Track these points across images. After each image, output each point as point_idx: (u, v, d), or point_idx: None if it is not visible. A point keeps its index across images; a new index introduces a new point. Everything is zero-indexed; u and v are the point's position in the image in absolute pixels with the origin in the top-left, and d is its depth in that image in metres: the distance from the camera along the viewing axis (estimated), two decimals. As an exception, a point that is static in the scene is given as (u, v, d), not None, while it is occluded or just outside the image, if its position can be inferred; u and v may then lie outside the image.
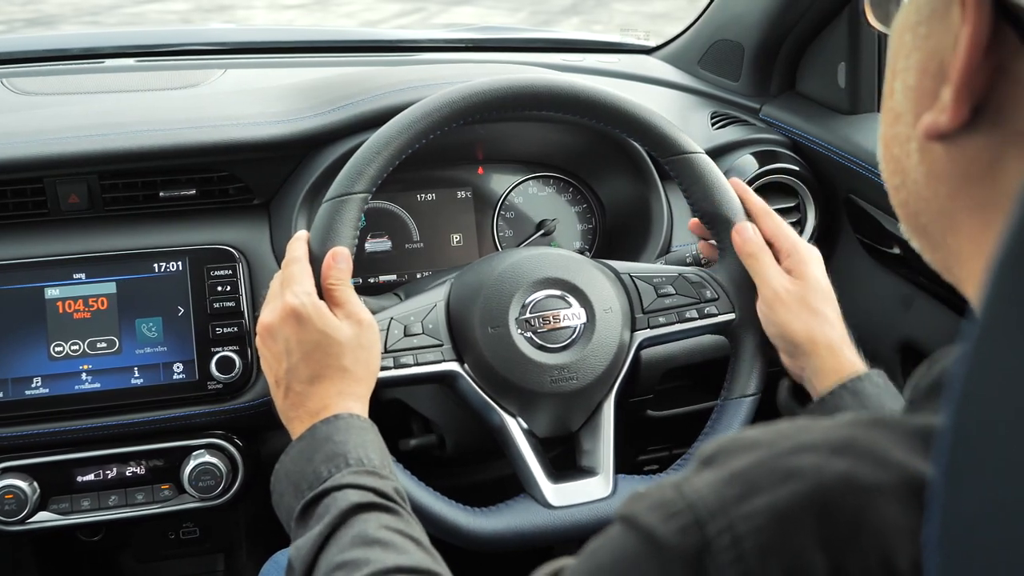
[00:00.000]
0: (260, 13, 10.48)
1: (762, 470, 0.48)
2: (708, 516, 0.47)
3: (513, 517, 1.12)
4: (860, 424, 0.49)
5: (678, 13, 10.13)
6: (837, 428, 0.49)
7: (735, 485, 0.48)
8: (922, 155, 0.54)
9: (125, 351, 1.29)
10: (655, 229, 1.47)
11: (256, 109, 1.40)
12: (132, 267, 1.31)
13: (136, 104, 1.47)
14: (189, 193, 1.35)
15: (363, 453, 0.93)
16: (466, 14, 10.18)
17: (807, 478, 0.46)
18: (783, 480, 0.46)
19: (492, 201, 1.55)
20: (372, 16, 10.24)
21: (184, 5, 10.49)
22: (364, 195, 1.10)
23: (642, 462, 1.72)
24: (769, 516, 0.46)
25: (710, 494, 0.48)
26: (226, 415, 1.31)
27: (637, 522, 0.50)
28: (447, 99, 1.13)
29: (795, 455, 0.48)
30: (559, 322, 1.15)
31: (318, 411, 0.98)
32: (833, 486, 0.45)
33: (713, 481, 0.49)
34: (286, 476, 0.95)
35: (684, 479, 0.51)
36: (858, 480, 0.45)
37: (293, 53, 1.85)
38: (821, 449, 0.47)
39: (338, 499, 0.88)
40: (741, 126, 1.60)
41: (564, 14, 10.41)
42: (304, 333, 0.99)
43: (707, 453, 0.53)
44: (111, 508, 1.31)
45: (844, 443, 0.47)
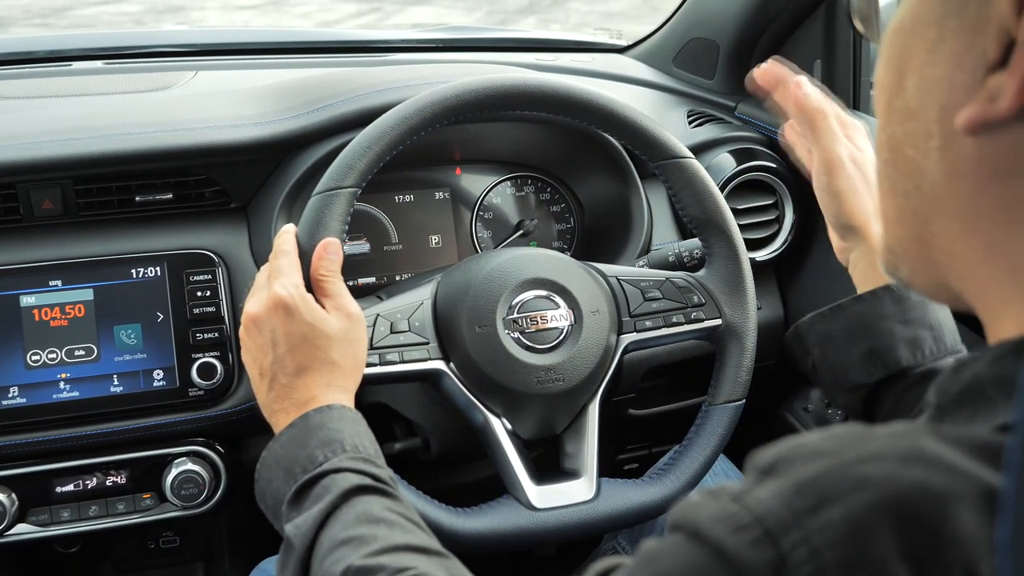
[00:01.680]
0: (214, 14, 10.37)
1: (831, 479, 0.46)
2: (780, 529, 0.46)
3: (496, 518, 1.11)
4: (920, 434, 0.48)
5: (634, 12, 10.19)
6: (900, 437, 0.48)
7: (804, 496, 0.46)
8: (944, 152, 0.53)
9: (104, 359, 1.27)
10: (635, 229, 1.47)
11: (232, 111, 1.39)
12: (109, 273, 1.28)
13: (108, 107, 1.45)
14: (165, 197, 1.33)
15: (358, 441, 0.93)
16: (423, 14, 10.15)
17: (881, 487, 0.45)
18: (855, 489, 0.45)
19: (470, 202, 1.54)
20: (328, 17, 10.18)
21: (136, 7, 10.36)
22: (354, 190, 1.09)
23: (622, 461, 1.72)
24: (846, 528, 0.44)
25: (778, 506, 0.47)
26: (208, 422, 1.30)
27: (702, 534, 0.49)
28: (439, 96, 1.12)
29: (864, 464, 0.47)
30: (546, 323, 1.14)
31: (306, 402, 0.96)
32: (909, 495, 0.44)
33: (779, 492, 0.48)
34: (276, 462, 0.93)
35: (743, 490, 0.49)
36: (934, 489, 0.44)
37: (264, 55, 1.83)
38: (890, 458, 0.46)
39: (337, 480, 0.87)
40: (718, 124, 1.60)
41: (520, 13, 10.41)
42: (292, 325, 0.98)
43: (765, 462, 0.51)
44: (92, 519, 1.29)
45: (912, 452, 0.46)
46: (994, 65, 0.49)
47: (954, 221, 0.54)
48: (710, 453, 1.19)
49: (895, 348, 0.97)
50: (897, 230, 0.59)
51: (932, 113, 0.53)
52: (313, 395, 0.97)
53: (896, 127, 0.57)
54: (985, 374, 0.51)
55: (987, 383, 0.51)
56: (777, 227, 1.55)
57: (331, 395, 0.97)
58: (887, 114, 0.58)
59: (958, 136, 0.51)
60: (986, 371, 0.51)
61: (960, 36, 0.51)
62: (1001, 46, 0.49)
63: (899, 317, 0.97)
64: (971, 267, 0.55)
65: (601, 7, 10.54)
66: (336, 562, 0.80)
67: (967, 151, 0.52)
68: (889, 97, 0.57)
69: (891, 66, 0.57)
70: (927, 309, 0.98)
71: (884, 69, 0.58)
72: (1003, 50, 0.49)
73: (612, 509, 1.14)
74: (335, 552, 0.81)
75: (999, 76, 0.49)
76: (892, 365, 0.96)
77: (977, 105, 0.50)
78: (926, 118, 0.54)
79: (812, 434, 0.52)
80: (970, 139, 0.51)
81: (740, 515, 0.48)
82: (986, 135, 0.50)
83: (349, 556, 0.80)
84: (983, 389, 0.51)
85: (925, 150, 0.54)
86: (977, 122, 0.50)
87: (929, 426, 0.50)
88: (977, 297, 0.55)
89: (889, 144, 0.58)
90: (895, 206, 0.58)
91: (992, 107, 0.49)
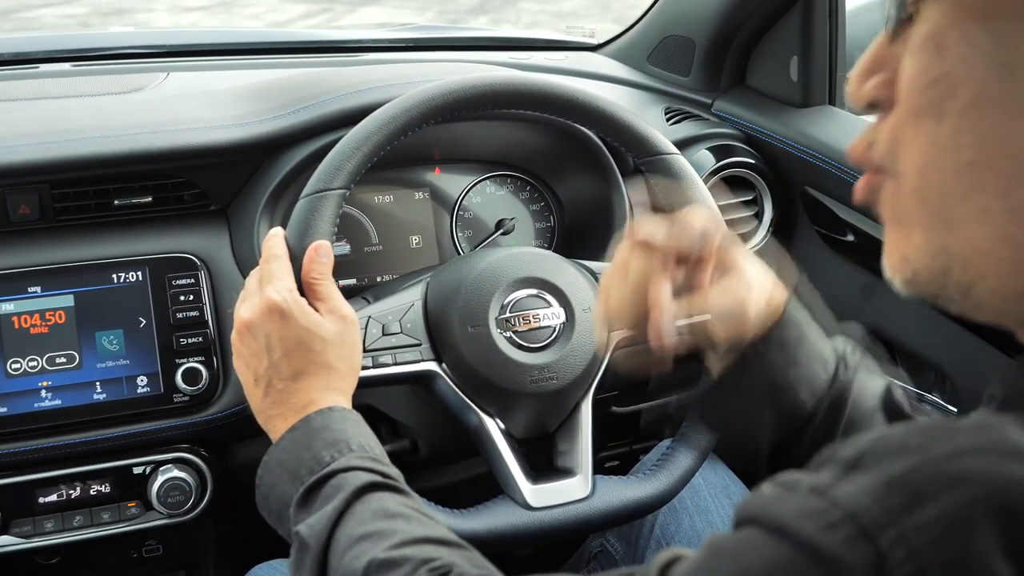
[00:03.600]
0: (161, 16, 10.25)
1: (924, 476, 0.45)
2: (875, 527, 0.45)
3: (493, 519, 1.10)
4: (1009, 425, 0.47)
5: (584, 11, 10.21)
6: (988, 430, 0.47)
7: (897, 492, 0.45)
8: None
9: (86, 366, 1.25)
10: (617, 227, 1.46)
11: (211, 112, 1.37)
12: (90, 278, 1.26)
13: (82, 110, 1.42)
14: (144, 200, 1.31)
15: (364, 440, 0.92)
16: (374, 14, 10.09)
17: (978, 484, 0.44)
18: (951, 486, 0.44)
19: (450, 202, 1.54)
20: (277, 17, 10.09)
21: (81, 9, 10.20)
22: (343, 191, 1.08)
23: (603, 458, 1.72)
24: (945, 526, 0.43)
25: (870, 502, 0.46)
26: (194, 428, 1.28)
27: (788, 530, 0.47)
28: (427, 96, 1.11)
29: (956, 459, 0.46)
30: (539, 322, 1.14)
31: (304, 406, 0.95)
32: (1006, 490, 0.44)
33: (869, 488, 0.46)
34: (279, 465, 0.92)
35: (829, 484, 0.48)
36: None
37: (236, 55, 1.81)
38: (982, 452, 0.45)
39: (348, 479, 0.86)
40: (695, 121, 1.61)
41: (471, 13, 10.39)
42: (287, 329, 0.97)
43: (850, 456, 0.50)
44: (76, 529, 1.26)
45: (1004, 445, 0.46)
46: None
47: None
48: (703, 448, 1.19)
49: (796, 394, 0.92)
50: (973, 231, 0.54)
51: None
52: (311, 399, 0.96)
53: (1002, 125, 0.52)
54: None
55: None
56: (757, 223, 1.57)
57: (329, 398, 0.96)
58: (978, 111, 0.53)
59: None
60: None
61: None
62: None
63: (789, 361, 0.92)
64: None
65: (552, 6, 10.54)
66: (357, 557, 0.79)
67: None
68: (983, 93, 0.53)
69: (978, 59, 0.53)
70: (802, 342, 0.93)
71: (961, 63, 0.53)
72: None
73: (608, 506, 1.14)
74: (355, 547, 0.80)
75: None
76: (800, 415, 0.92)
77: None
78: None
79: (896, 428, 0.50)
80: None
81: (829, 511, 0.46)
82: None
83: (371, 550, 0.79)
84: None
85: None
86: None
87: (1014, 417, 0.49)
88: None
89: (981, 144, 0.53)
90: (980, 206, 0.53)
91: None
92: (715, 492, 1.33)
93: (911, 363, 1.45)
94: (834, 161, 1.43)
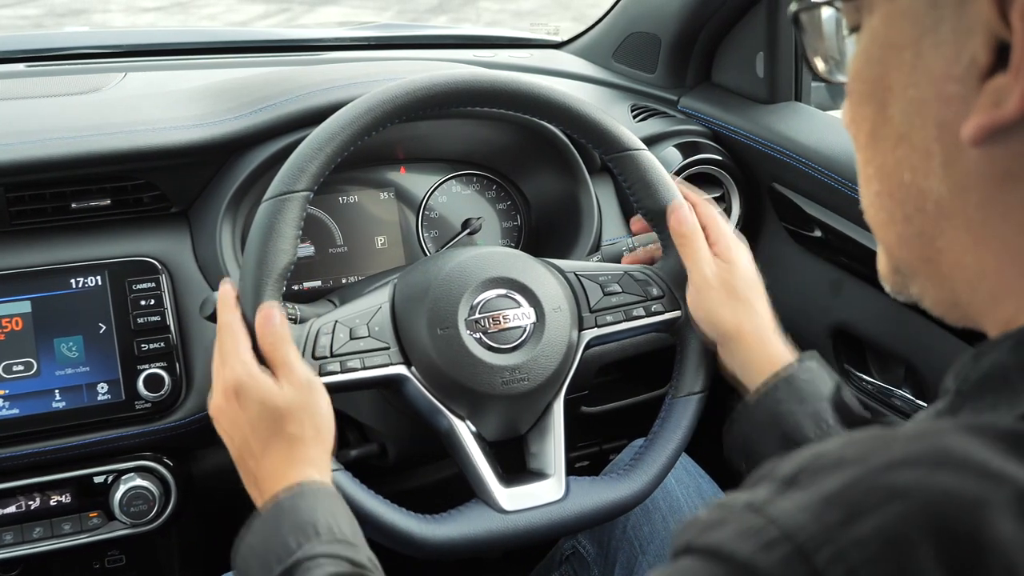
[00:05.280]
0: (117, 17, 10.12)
1: (860, 490, 0.45)
2: (812, 545, 0.44)
3: (467, 524, 1.09)
4: (945, 432, 0.47)
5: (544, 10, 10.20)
6: (924, 437, 0.47)
7: (834, 508, 0.44)
8: (949, 168, 0.52)
9: (44, 373, 1.22)
10: (585, 225, 1.45)
11: (170, 113, 1.34)
12: (47, 284, 1.23)
13: (37, 111, 1.38)
14: (103, 203, 1.28)
15: (333, 522, 0.89)
16: (332, 14, 10.02)
17: (912, 497, 0.43)
18: (887, 500, 0.44)
19: (415, 202, 1.52)
20: (235, 18, 10.00)
21: (35, 11, 10.05)
22: (307, 193, 1.06)
23: (573, 459, 1.71)
24: (882, 542, 0.43)
25: (807, 519, 0.45)
26: (156, 435, 1.25)
27: (724, 554, 0.46)
28: (391, 94, 1.09)
29: (892, 471, 0.45)
30: (509, 322, 1.12)
31: (274, 483, 0.93)
32: (942, 504, 0.43)
33: (806, 504, 0.45)
34: (251, 552, 0.90)
35: (765, 501, 0.47)
36: (966, 496, 0.43)
37: (195, 55, 1.78)
38: (918, 463, 0.45)
39: (312, 570, 0.84)
40: (662, 118, 1.60)
41: (431, 12, 10.35)
42: (246, 406, 0.96)
43: (788, 472, 0.49)
44: (36, 541, 1.23)
45: (940, 454, 0.45)
46: (987, 71, 0.49)
47: (964, 234, 0.54)
48: (676, 446, 1.18)
49: (801, 427, 1.02)
50: (902, 254, 0.59)
51: (929, 132, 0.52)
52: (280, 475, 0.94)
53: (886, 156, 0.56)
54: (1008, 361, 0.51)
55: (1010, 369, 0.50)
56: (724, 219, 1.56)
57: (296, 471, 0.94)
58: (872, 146, 0.57)
59: (962, 149, 0.51)
60: (1008, 358, 0.51)
61: (941, 51, 0.51)
62: (991, 50, 0.48)
63: (795, 398, 1.03)
64: (985, 277, 0.54)
65: (512, 6, 10.53)
66: None
67: (973, 163, 0.51)
68: (872, 129, 0.57)
69: (868, 100, 0.56)
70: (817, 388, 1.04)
71: (858, 105, 0.57)
72: (994, 54, 0.48)
73: (582, 508, 1.13)
74: None
75: (1000, 79, 0.48)
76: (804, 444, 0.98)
77: (982, 113, 0.49)
78: (922, 139, 0.53)
79: (833, 441, 0.50)
80: (975, 150, 0.50)
81: (766, 529, 0.45)
82: (992, 143, 0.49)
83: None
84: (1006, 376, 0.50)
85: (926, 171, 0.53)
86: (985, 130, 0.49)
87: (952, 421, 0.49)
88: (990, 306, 0.55)
89: (879, 175, 0.57)
90: (896, 233, 0.58)
91: (999, 112, 0.48)
92: (688, 492, 1.32)
93: (881, 358, 1.45)
94: (801, 157, 1.43)
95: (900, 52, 0.53)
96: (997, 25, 0.48)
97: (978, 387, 0.52)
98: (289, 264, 1.05)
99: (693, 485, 1.33)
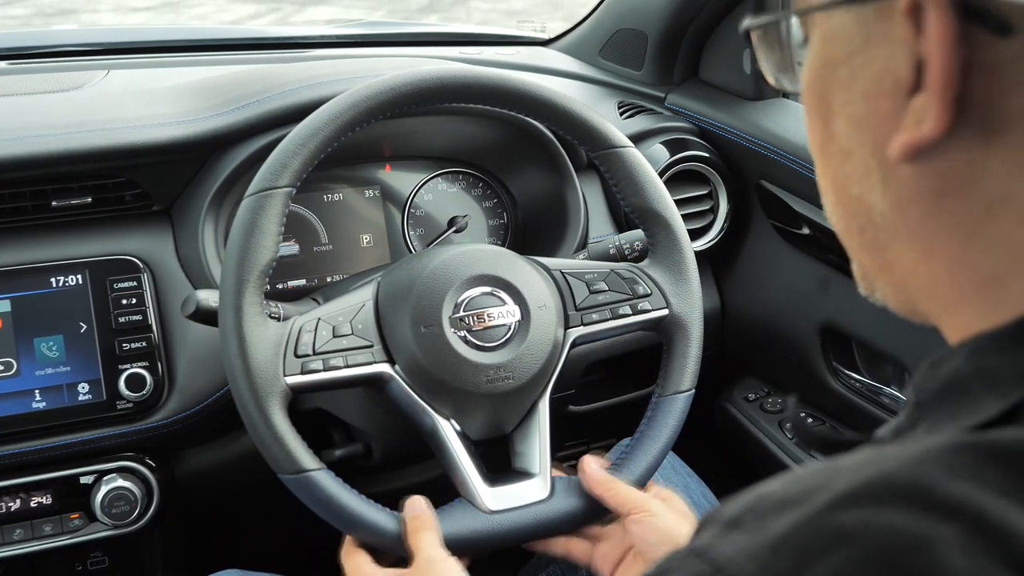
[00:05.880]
0: (106, 17, 10.09)
1: (806, 534, 0.43)
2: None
3: (451, 523, 1.08)
4: (887, 457, 0.45)
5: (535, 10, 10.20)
6: (867, 467, 0.45)
7: (782, 556, 0.42)
8: (887, 184, 0.52)
9: (24, 373, 1.20)
10: (572, 223, 1.44)
11: (152, 110, 1.32)
12: (27, 283, 1.21)
13: (17, 108, 1.37)
14: (84, 201, 1.26)
15: None
16: (323, 13, 10.01)
17: (860, 540, 0.41)
18: (835, 545, 0.42)
19: (401, 199, 1.50)
20: (225, 17, 9.97)
21: (23, 11, 10.02)
22: (289, 190, 1.05)
23: (560, 459, 1.70)
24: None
25: (756, 568, 0.43)
26: (138, 436, 1.24)
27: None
28: (375, 90, 1.08)
29: (837, 511, 0.43)
30: (493, 320, 1.11)
31: None
32: (891, 546, 0.41)
33: (752, 551, 0.44)
34: None
35: (708, 545, 0.45)
36: (914, 535, 0.41)
37: (178, 52, 1.77)
38: (862, 499, 0.43)
39: None
40: (649, 115, 1.59)
41: (422, 12, 10.34)
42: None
43: (732, 514, 0.47)
44: (16, 543, 1.22)
45: (884, 487, 0.43)
46: (911, 88, 0.48)
47: (911, 247, 0.53)
48: (662, 445, 1.17)
49: None
50: (863, 261, 0.58)
51: (867, 149, 0.52)
52: None
53: (836, 170, 0.56)
54: (965, 368, 0.50)
55: (969, 377, 0.49)
56: (712, 217, 1.55)
57: None
58: (823, 159, 0.57)
59: (896, 166, 0.50)
60: (965, 365, 0.50)
61: (870, 69, 0.50)
62: (912, 68, 0.48)
63: None
64: (937, 287, 0.53)
65: (502, 5, 10.52)
66: None
67: (908, 179, 0.51)
68: (822, 143, 0.56)
69: (815, 115, 0.56)
70: None
71: (810, 118, 0.57)
72: (915, 72, 0.48)
73: (568, 507, 1.12)
74: None
75: (920, 98, 0.48)
76: None
77: (906, 132, 0.48)
78: (862, 155, 0.53)
79: (777, 480, 0.48)
80: (908, 167, 0.50)
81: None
82: (923, 159, 0.49)
83: None
84: (965, 383, 0.49)
85: (868, 186, 0.53)
86: (910, 148, 0.48)
87: (896, 449, 0.47)
88: (946, 314, 0.54)
89: (833, 187, 0.57)
90: (856, 242, 0.58)
91: (920, 131, 0.48)
92: (675, 491, 1.31)
93: (869, 356, 1.44)
94: (788, 154, 1.42)
95: (835, 69, 0.53)
96: (915, 44, 0.47)
97: (937, 397, 0.51)
98: (271, 261, 1.04)
99: (681, 484, 1.33)
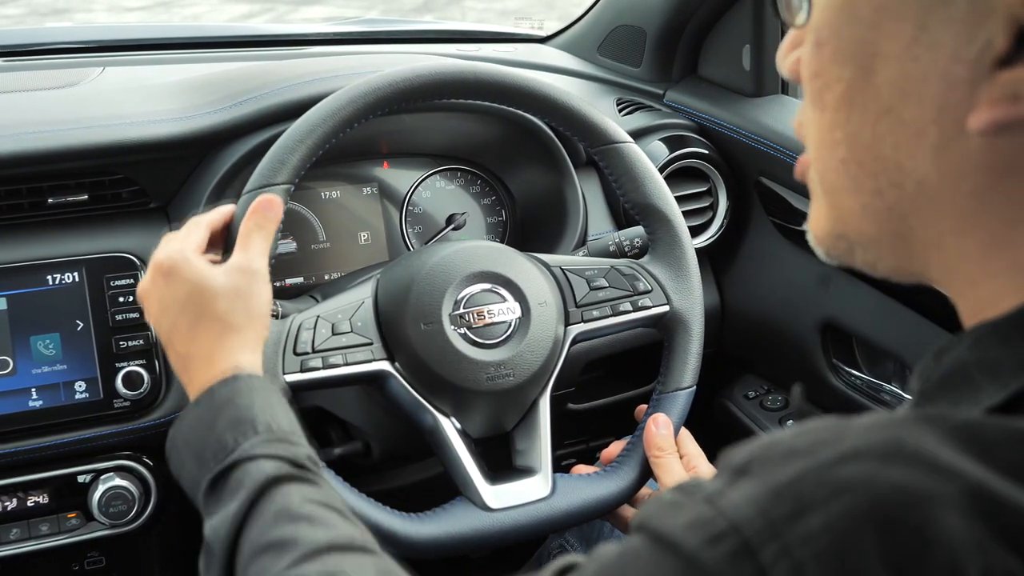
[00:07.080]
0: (100, 16, 10.07)
1: (809, 483, 0.44)
2: (758, 540, 0.43)
3: (452, 522, 1.07)
4: (899, 423, 0.46)
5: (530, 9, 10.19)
6: (878, 429, 0.46)
7: (782, 502, 0.44)
8: (943, 152, 0.49)
9: (20, 372, 1.19)
10: (571, 220, 1.44)
11: (149, 107, 1.32)
12: (23, 280, 1.21)
13: (13, 105, 1.36)
14: (80, 199, 1.25)
15: (271, 418, 0.85)
16: (317, 13, 10.00)
17: (860, 491, 0.43)
18: (835, 495, 0.43)
19: (399, 197, 1.50)
20: (219, 17, 9.95)
21: (17, 10, 10.00)
22: (287, 187, 1.04)
23: (559, 456, 1.69)
24: (828, 538, 0.42)
25: (755, 513, 0.44)
26: (135, 434, 1.23)
27: (674, 542, 0.46)
28: (373, 86, 1.07)
29: (841, 464, 0.44)
30: (494, 317, 1.11)
31: (204, 366, 0.90)
32: (889, 499, 0.42)
33: (754, 496, 0.45)
34: (185, 445, 0.86)
35: (717, 491, 0.47)
36: (915, 491, 0.42)
37: (174, 50, 1.76)
38: (868, 456, 0.44)
39: (251, 471, 0.80)
40: (647, 112, 1.58)
41: (416, 11, 10.33)
42: (174, 286, 0.93)
43: (738, 462, 0.48)
44: (13, 543, 1.21)
45: (891, 447, 0.44)
46: (1004, 58, 0.46)
47: (948, 219, 0.51)
48: None
49: None
50: (860, 225, 0.56)
51: (925, 112, 0.49)
52: (209, 357, 0.90)
53: (863, 126, 0.53)
54: (967, 357, 0.50)
55: (971, 366, 0.49)
56: (711, 214, 1.55)
57: (228, 355, 0.90)
58: (845, 111, 0.53)
59: (962, 135, 0.48)
60: (968, 354, 0.50)
61: (951, 28, 0.47)
62: (1010, 36, 0.45)
63: None
64: (963, 263, 0.52)
65: (497, 5, 10.52)
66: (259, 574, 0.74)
67: (972, 151, 0.49)
68: (847, 94, 0.53)
69: (845, 61, 0.53)
70: None
71: (831, 63, 0.54)
72: (1013, 40, 0.45)
73: (569, 505, 1.11)
74: (257, 561, 0.75)
75: (1019, 71, 0.45)
76: None
77: (999, 107, 0.46)
78: (915, 116, 0.50)
79: (787, 431, 0.49)
80: (979, 139, 0.48)
81: (715, 521, 0.45)
82: (1001, 135, 0.47)
83: (270, 567, 0.74)
84: (967, 372, 0.49)
85: (913, 150, 0.51)
86: (999, 125, 0.46)
87: (910, 412, 0.47)
88: (970, 290, 0.53)
89: (850, 143, 0.54)
90: (860, 203, 0.55)
91: (1016, 108, 0.46)
92: (675, 488, 1.31)
93: (869, 352, 1.44)
94: (788, 150, 1.42)
95: (900, 21, 0.49)
96: (1020, 10, 0.45)
97: (940, 386, 0.51)
98: (269, 259, 1.03)
99: (681, 481, 1.32)
